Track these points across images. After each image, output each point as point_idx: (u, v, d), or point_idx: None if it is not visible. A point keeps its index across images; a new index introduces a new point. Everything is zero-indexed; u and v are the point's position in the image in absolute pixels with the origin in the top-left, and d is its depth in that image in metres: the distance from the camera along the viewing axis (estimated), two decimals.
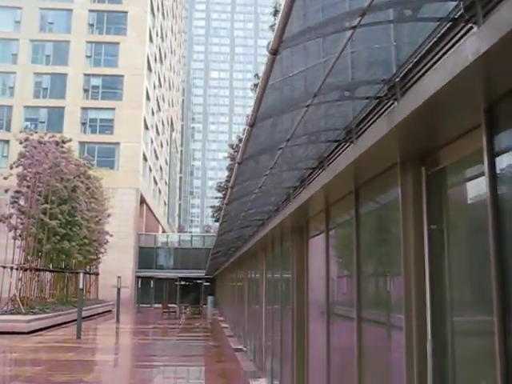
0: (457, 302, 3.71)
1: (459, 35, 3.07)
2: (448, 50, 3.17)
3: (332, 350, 6.83)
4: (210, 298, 45.70)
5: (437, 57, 3.33)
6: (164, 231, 74.38)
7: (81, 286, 21.81)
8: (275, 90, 4.52)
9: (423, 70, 3.50)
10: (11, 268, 26.77)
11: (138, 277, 51.26)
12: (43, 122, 53.05)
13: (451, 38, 3.15)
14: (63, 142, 29.70)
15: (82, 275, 21.84)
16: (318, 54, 4.36)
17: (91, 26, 57.18)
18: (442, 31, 3.24)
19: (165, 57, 75.80)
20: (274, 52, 3.14)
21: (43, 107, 54.81)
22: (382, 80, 4.08)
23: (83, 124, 55.28)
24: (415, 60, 3.64)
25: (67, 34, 56.49)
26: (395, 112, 3.59)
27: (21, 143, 28.30)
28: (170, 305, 35.79)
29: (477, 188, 3.47)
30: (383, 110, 4.23)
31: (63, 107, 54.74)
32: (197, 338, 23.59)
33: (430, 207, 4.01)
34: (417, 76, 3.59)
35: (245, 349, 18.21)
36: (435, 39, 3.33)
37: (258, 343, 15.04)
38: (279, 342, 10.84)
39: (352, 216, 5.77)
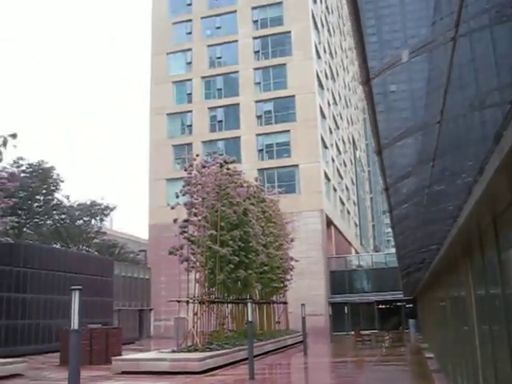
0: None
1: None
2: None
3: None
4: (411, 322, 40.34)
5: None
6: (357, 254, 70.41)
7: (250, 318, 18.94)
8: None
9: None
10: (187, 302, 25.22)
11: (330, 303, 47.84)
12: (221, 155, 53.20)
13: None
14: (226, 162, 27.86)
15: (250, 305, 18.98)
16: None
17: (257, 52, 56.82)
18: None
19: (337, 74, 73.22)
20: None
21: (220, 140, 55.39)
22: None
23: (260, 151, 54.51)
24: None
25: (235, 65, 56.86)
26: None
27: (185, 170, 27.09)
28: (363, 331, 31.60)
29: None
30: None
31: (239, 137, 54.68)
32: (390, 374, 19.17)
33: None
34: None
35: None
36: None
37: None
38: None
39: None
